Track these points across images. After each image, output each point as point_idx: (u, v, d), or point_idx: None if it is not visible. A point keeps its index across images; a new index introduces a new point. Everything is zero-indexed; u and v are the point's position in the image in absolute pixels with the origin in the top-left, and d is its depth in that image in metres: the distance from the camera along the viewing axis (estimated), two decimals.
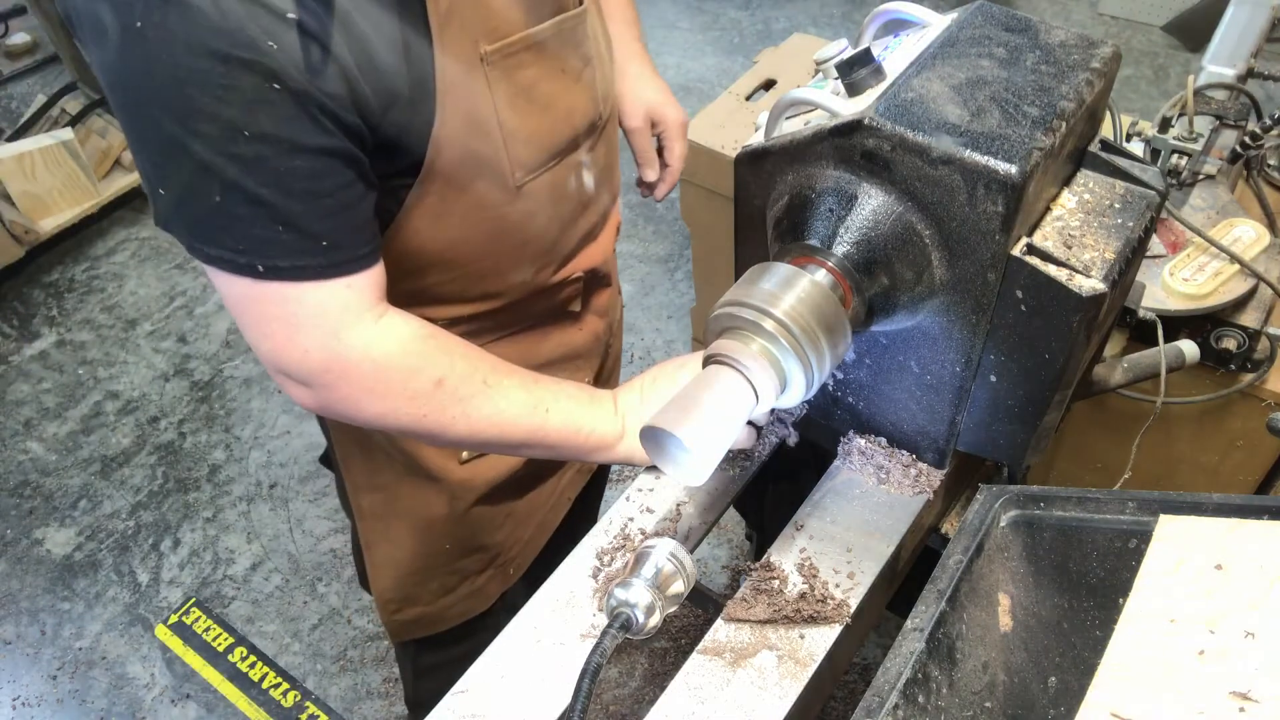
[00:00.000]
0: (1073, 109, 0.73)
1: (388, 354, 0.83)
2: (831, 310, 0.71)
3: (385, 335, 0.83)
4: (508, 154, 0.88)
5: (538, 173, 0.93)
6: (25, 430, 2.63)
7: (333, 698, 2.05)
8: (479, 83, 0.83)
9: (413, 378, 0.84)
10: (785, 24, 3.87)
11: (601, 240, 1.12)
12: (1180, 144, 1.35)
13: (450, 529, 1.18)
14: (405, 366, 0.84)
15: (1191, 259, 1.31)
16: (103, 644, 2.18)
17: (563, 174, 0.97)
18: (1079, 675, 0.71)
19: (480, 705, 0.80)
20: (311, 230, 0.76)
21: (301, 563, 2.29)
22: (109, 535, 2.39)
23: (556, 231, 1.01)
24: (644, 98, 1.26)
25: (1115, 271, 0.73)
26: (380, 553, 1.23)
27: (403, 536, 1.20)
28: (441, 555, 1.20)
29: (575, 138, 0.96)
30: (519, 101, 0.88)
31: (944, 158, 0.68)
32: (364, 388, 0.83)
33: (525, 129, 0.89)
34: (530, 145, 0.90)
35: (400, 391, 0.84)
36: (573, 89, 0.94)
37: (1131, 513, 0.76)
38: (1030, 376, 0.79)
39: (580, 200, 1.03)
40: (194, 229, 0.76)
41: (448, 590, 1.25)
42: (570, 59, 0.93)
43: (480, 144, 0.86)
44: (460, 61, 0.81)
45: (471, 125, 0.84)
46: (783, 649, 0.80)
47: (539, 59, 0.88)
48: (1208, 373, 1.33)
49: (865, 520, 0.89)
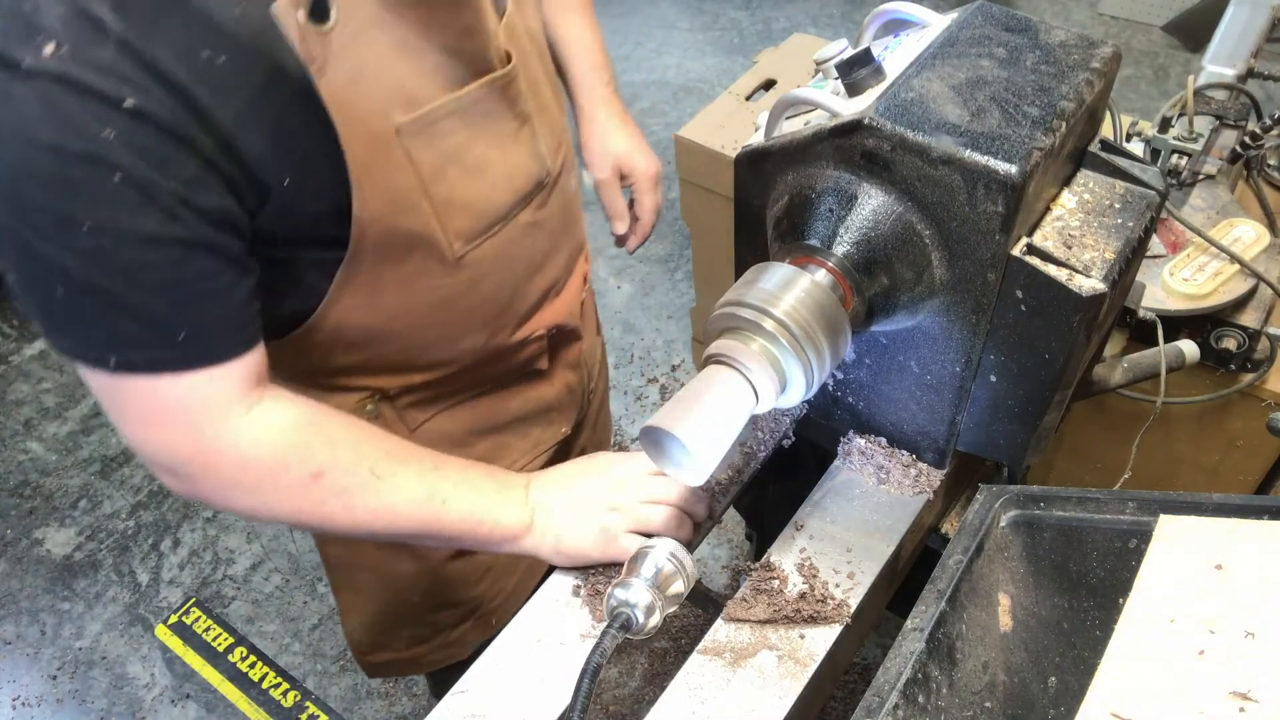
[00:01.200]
0: (1073, 109, 0.73)
1: (257, 447, 0.78)
2: (831, 310, 0.71)
3: (256, 427, 0.77)
4: (441, 226, 0.83)
5: (479, 241, 0.88)
6: (25, 430, 2.63)
7: (333, 698, 2.05)
8: (397, 157, 0.78)
9: (285, 472, 0.79)
10: (785, 24, 3.87)
11: (566, 295, 1.07)
12: (1180, 144, 1.35)
13: (419, 584, 1.14)
14: (277, 460, 0.79)
15: (1191, 259, 1.31)
16: (103, 644, 2.18)
17: (509, 237, 0.92)
18: (1079, 675, 0.71)
19: (480, 705, 0.80)
20: (166, 322, 0.71)
21: (301, 563, 2.29)
22: (109, 535, 2.39)
23: (508, 295, 0.96)
24: (612, 148, 1.20)
25: (1115, 271, 0.73)
26: (346, 599, 1.20)
27: (370, 586, 1.16)
28: (411, 608, 1.16)
29: (518, 200, 0.91)
30: (449, 170, 0.82)
31: (944, 158, 0.68)
32: (231, 482, 0.79)
33: (459, 198, 0.84)
34: (467, 214, 0.85)
35: (272, 486, 0.79)
36: (510, 150, 0.88)
37: (1131, 513, 0.76)
38: (1030, 376, 0.79)
39: (532, 260, 0.97)
40: (43, 320, 0.71)
41: (420, 640, 1.21)
42: (503, 120, 0.86)
43: (409, 220, 0.81)
44: (371, 138, 0.75)
45: (396, 202, 0.79)
46: (783, 649, 0.80)
47: (466, 124, 0.82)
48: (1208, 373, 1.33)
49: (865, 520, 0.89)
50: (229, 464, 0.78)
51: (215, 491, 0.79)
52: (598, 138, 1.20)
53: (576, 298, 1.10)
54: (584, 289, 1.13)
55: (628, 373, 2.64)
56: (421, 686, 2.07)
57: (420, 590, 1.14)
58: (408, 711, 2.03)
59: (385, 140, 0.76)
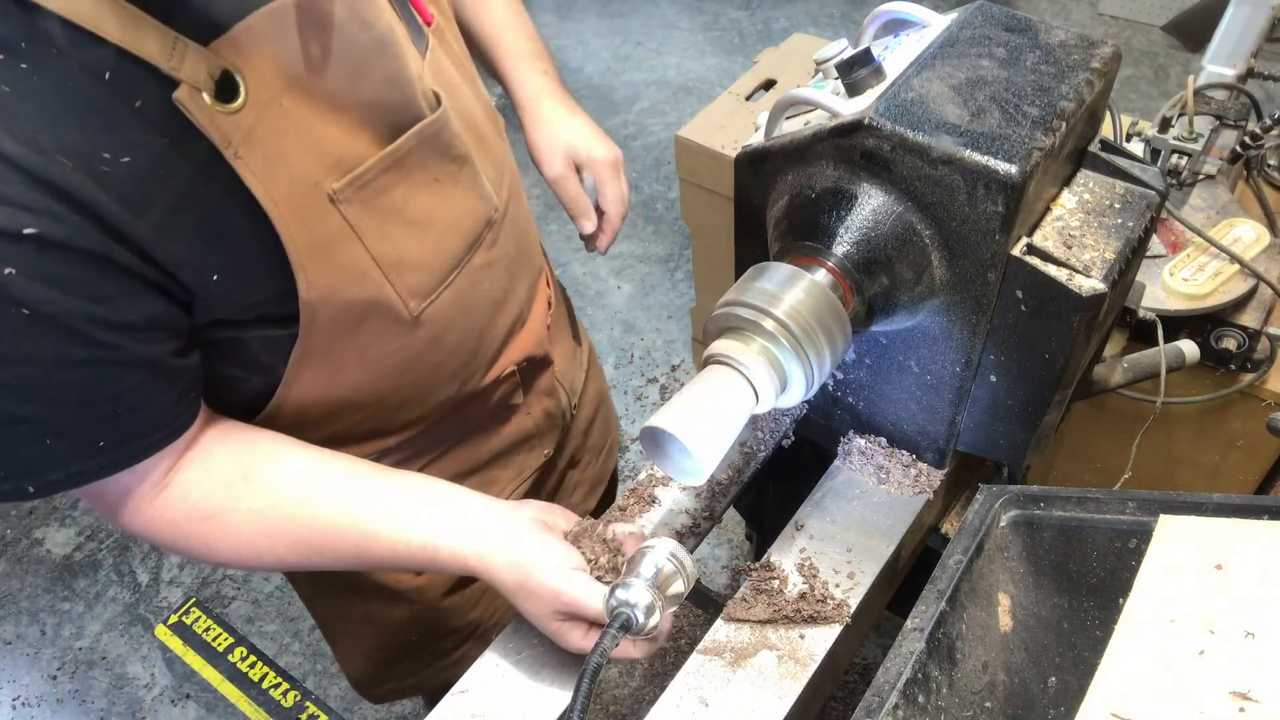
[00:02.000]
0: (1073, 109, 0.73)
1: (176, 517, 0.77)
2: (831, 310, 0.71)
3: (176, 498, 0.76)
4: (394, 288, 0.80)
5: (435, 294, 0.84)
6: None
7: (333, 698, 2.05)
8: (336, 226, 0.73)
9: (209, 529, 0.78)
10: (785, 24, 3.87)
11: (531, 325, 1.03)
12: (1180, 144, 1.35)
13: (415, 625, 1.12)
14: (196, 521, 0.77)
15: (1191, 259, 1.31)
16: (103, 644, 2.18)
17: (466, 283, 0.88)
18: (1079, 675, 0.71)
19: (480, 705, 0.80)
20: (86, 437, 0.68)
21: None
22: (109, 535, 2.39)
23: (474, 341, 0.93)
24: (562, 140, 1.09)
25: (1115, 271, 0.73)
26: (343, 646, 1.19)
27: (362, 637, 1.15)
28: (410, 645, 1.15)
29: (469, 245, 0.87)
30: (392, 229, 0.78)
31: (944, 158, 0.68)
32: (165, 542, 0.79)
33: (408, 256, 0.80)
34: (419, 271, 0.81)
35: (200, 543, 0.78)
36: (452, 195, 0.84)
37: (1131, 513, 0.76)
38: (1030, 376, 0.79)
39: (494, 300, 0.94)
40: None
41: (421, 669, 1.20)
42: (441, 166, 0.82)
43: (359, 289, 0.77)
44: (304, 211, 0.71)
45: (343, 274, 0.75)
46: (783, 649, 0.80)
47: (402, 177, 0.78)
48: (1208, 373, 1.33)
49: (865, 520, 0.89)
50: (153, 535, 0.78)
51: (173, 548, 0.80)
52: (544, 131, 1.10)
53: (542, 325, 1.06)
54: (548, 314, 1.09)
55: (628, 373, 2.64)
56: None
57: (418, 629, 1.12)
58: (408, 712, 2.03)
59: (320, 210, 0.72)
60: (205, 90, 0.63)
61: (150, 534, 0.78)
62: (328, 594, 1.12)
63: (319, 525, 0.79)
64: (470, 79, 0.92)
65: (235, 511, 0.78)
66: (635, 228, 3.06)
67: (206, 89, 0.63)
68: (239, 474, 0.78)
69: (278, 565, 0.81)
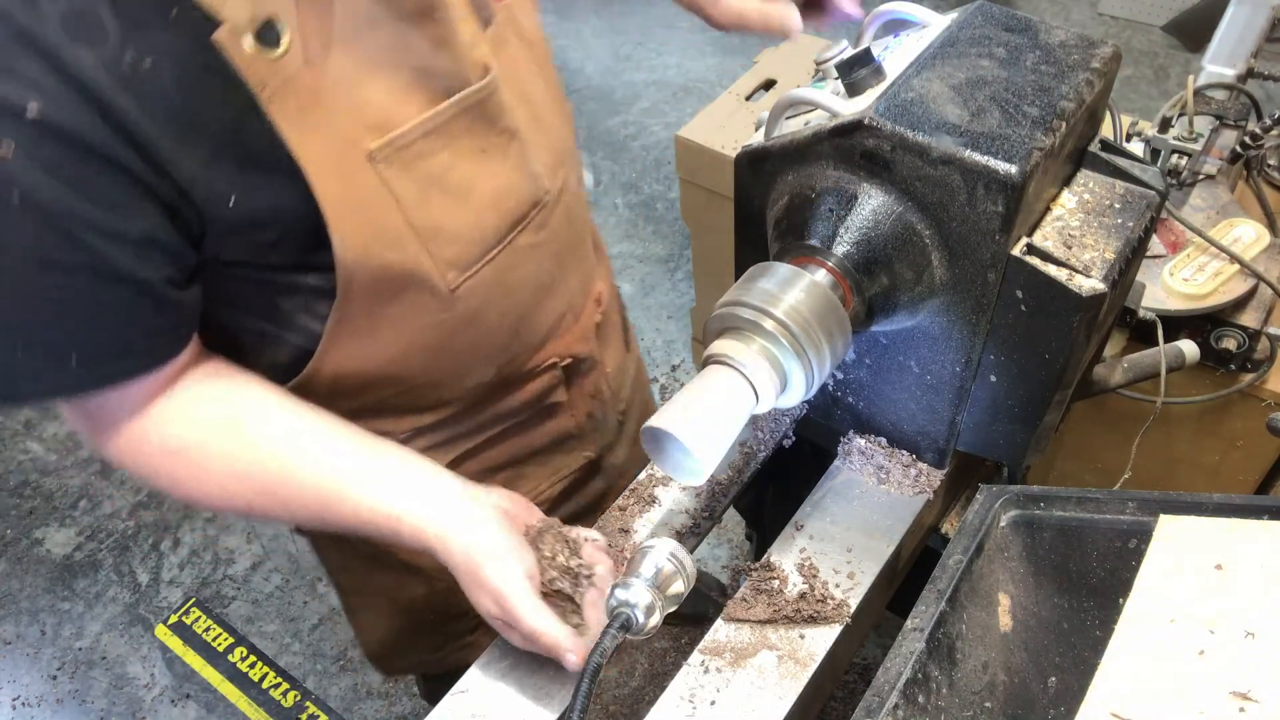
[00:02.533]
0: (1073, 109, 0.73)
1: (153, 449, 0.76)
2: (831, 310, 0.71)
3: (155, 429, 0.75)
4: (431, 258, 0.79)
5: (474, 269, 0.83)
6: (25, 430, 2.63)
7: (333, 698, 2.05)
8: (372, 186, 0.73)
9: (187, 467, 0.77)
10: None
11: (581, 321, 1.01)
12: (1180, 144, 1.35)
13: (432, 604, 1.12)
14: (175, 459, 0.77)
15: (1191, 259, 1.31)
16: (103, 644, 2.18)
17: (509, 263, 0.86)
18: (1079, 675, 0.71)
19: (480, 705, 0.80)
20: (62, 352, 0.66)
21: (301, 563, 2.29)
22: (109, 535, 2.39)
23: (513, 324, 0.91)
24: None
25: (1115, 271, 0.73)
26: (362, 619, 1.19)
27: (381, 611, 1.15)
28: (425, 624, 1.15)
29: (512, 223, 0.86)
30: (431, 196, 0.77)
31: (944, 158, 0.68)
32: (145, 474, 0.78)
33: (447, 226, 0.79)
34: (457, 242, 0.80)
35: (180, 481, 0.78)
36: (498, 170, 0.82)
37: (1131, 513, 0.76)
38: (1030, 376, 0.79)
39: (539, 284, 0.92)
40: None
41: (437, 648, 1.20)
42: (488, 137, 0.80)
43: (395, 254, 0.76)
44: (340, 168, 0.70)
45: (378, 236, 0.75)
46: (783, 649, 0.80)
47: (446, 144, 0.77)
48: (1208, 373, 1.33)
49: (865, 520, 0.89)
50: (125, 464, 0.77)
51: (141, 479, 0.79)
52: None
53: (590, 323, 1.04)
54: (598, 312, 1.07)
55: None
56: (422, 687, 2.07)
57: (435, 609, 1.13)
58: (408, 711, 2.03)
59: (357, 169, 0.72)
60: (248, 33, 0.63)
61: (122, 462, 0.77)
62: (353, 565, 1.12)
63: (287, 477, 0.77)
64: (542, 62, 0.91)
65: (206, 450, 0.77)
66: (635, 227, 3.06)
67: (249, 32, 0.63)
68: (218, 413, 0.77)
69: (245, 510, 0.80)
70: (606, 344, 1.12)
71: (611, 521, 0.93)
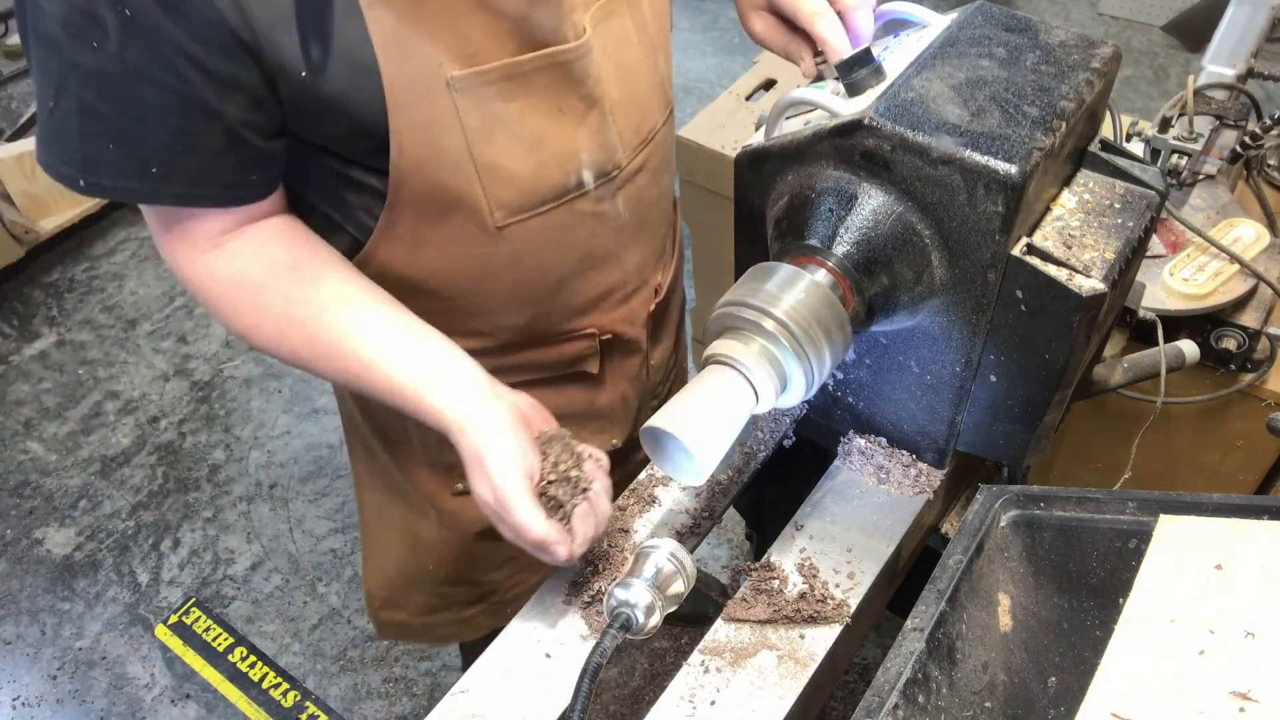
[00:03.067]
0: (1073, 109, 0.73)
1: (219, 278, 0.82)
2: (831, 310, 0.71)
3: (223, 261, 0.82)
4: (484, 191, 0.83)
5: (524, 216, 0.87)
6: (25, 430, 2.63)
7: (333, 698, 2.05)
8: (444, 111, 0.77)
9: (246, 303, 0.83)
10: None
11: (633, 304, 1.04)
12: (1180, 144, 1.35)
13: (437, 554, 1.14)
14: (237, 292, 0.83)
15: (1191, 259, 1.31)
16: (103, 644, 2.18)
17: (562, 220, 0.90)
18: (1079, 675, 0.71)
19: (480, 705, 0.80)
20: (142, 156, 0.73)
21: (301, 563, 2.29)
22: (109, 535, 2.39)
23: (554, 280, 0.95)
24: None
25: (1115, 271, 0.73)
26: (371, 547, 1.22)
27: (392, 541, 1.18)
28: (425, 575, 1.17)
29: (574, 184, 0.88)
30: (497, 136, 0.81)
31: (944, 158, 0.68)
32: (210, 302, 0.84)
33: (506, 167, 0.83)
34: (513, 185, 0.84)
35: (240, 312, 0.83)
36: (573, 132, 0.86)
37: (1131, 513, 0.76)
38: (1030, 376, 0.79)
39: (589, 253, 0.95)
40: (38, 133, 0.75)
41: (431, 609, 1.22)
42: (568, 97, 0.84)
43: (450, 178, 0.81)
44: (416, 85, 0.75)
45: (438, 156, 0.79)
46: (783, 649, 0.80)
47: (525, 92, 0.81)
48: (1208, 373, 1.33)
49: (865, 520, 0.89)
50: (201, 289, 0.83)
51: (208, 308, 0.85)
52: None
53: (643, 308, 1.06)
54: (654, 301, 1.08)
55: None
56: (421, 687, 2.07)
57: (436, 560, 1.15)
58: (408, 711, 2.03)
59: (434, 91, 0.76)
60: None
61: (192, 285, 0.83)
62: (377, 485, 1.15)
63: (334, 332, 0.82)
64: (651, 43, 0.94)
65: (270, 289, 0.82)
66: None
67: None
68: (287, 259, 0.82)
69: (291, 357, 0.85)
70: (658, 337, 1.14)
71: (611, 521, 0.93)
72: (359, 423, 1.12)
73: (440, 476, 1.08)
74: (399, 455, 1.10)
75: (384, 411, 1.07)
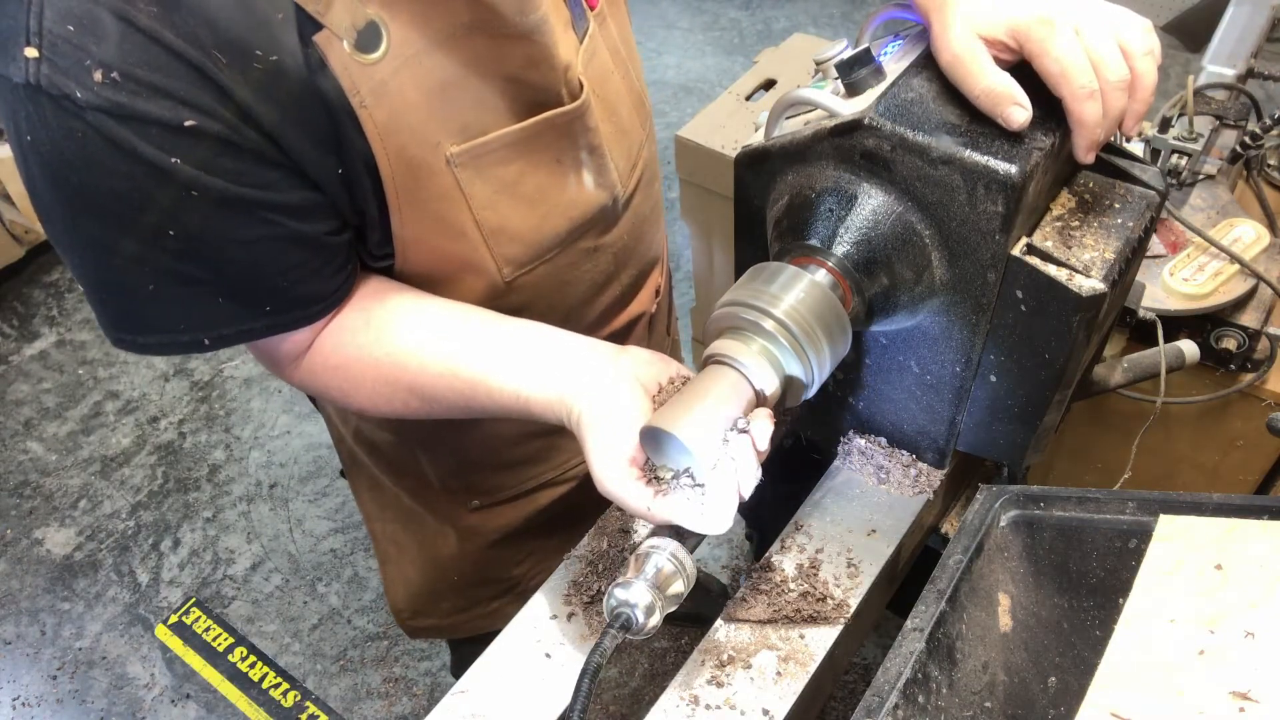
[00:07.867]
0: None
1: (323, 369, 0.83)
2: (831, 310, 0.71)
3: (324, 353, 0.82)
4: (491, 253, 0.83)
5: (530, 267, 0.87)
6: (25, 430, 2.63)
7: (333, 698, 2.05)
8: (445, 185, 0.77)
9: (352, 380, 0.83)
10: (785, 24, 3.87)
11: (630, 309, 1.04)
12: (1180, 144, 1.35)
13: (459, 566, 1.15)
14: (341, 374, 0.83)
15: (1191, 259, 1.31)
16: (103, 644, 2.19)
17: (567, 262, 0.90)
18: (1079, 675, 0.71)
19: (480, 705, 0.80)
20: (256, 301, 0.75)
21: (301, 563, 2.29)
22: (109, 535, 2.39)
23: (561, 317, 0.94)
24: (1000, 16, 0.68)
25: (1115, 271, 0.73)
26: (391, 569, 1.22)
27: (411, 564, 1.18)
28: (449, 584, 1.18)
29: (576, 228, 0.89)
30: (500, 200, 0.81)
31: (944, 158, 0.68)
32: (319, 390, 0.86)
33: (511, 227, 0.83)
34: (518, 243, 0.84)
35: (348, 391, 0.84)
36: (572, 179, 0.86)
37: (1131, 513, 0.76)
38: (1030, 376, 0.79)
39: (593, 283, 0.96)
40: (122, 320, 0.74)
41: (460, 610, 1.23)
42: (567, 151, 0.84)
43: (454, 245, 0.81)
44: (415, 167, 0.75)
45: (441, 227, 0.79)
46: (783, 649, 0.80)
47: (524, 154, 0.81)
48: (1208, 373, 1.33)
49: (865, 520, 0.89)
50: (305, 387, 0.86)
51: (319, 394, 0.88)
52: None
53: (648, 302, 1.07)
54: (652, 302, 1.09)
55: None
56: (421, 687, 2.07)
57: (461, 570, 1.15)
58: (408, 711, 2.03)
59: (435, 170, 0.75)
60: (346, 39, 0.66)
61: (304, 387, 0.86)
62: (388, 517, 1.16)
63: (428, 374, 0.81)
64: (625, 65, 0.93)
65: (360, 360, 0.82)
66: None
67: (348, 37, 0.66)
68: (362, 322, 0.82)
69: (404, 410, 0.84)
70: (654, 334, 1.15)
71: (611, 521, 0.93)
72: (362, 460, 1.12)
73: (456, 497, 1.08)
74: (409, 484, 1.10)
75: (390, 446, 1.07)
